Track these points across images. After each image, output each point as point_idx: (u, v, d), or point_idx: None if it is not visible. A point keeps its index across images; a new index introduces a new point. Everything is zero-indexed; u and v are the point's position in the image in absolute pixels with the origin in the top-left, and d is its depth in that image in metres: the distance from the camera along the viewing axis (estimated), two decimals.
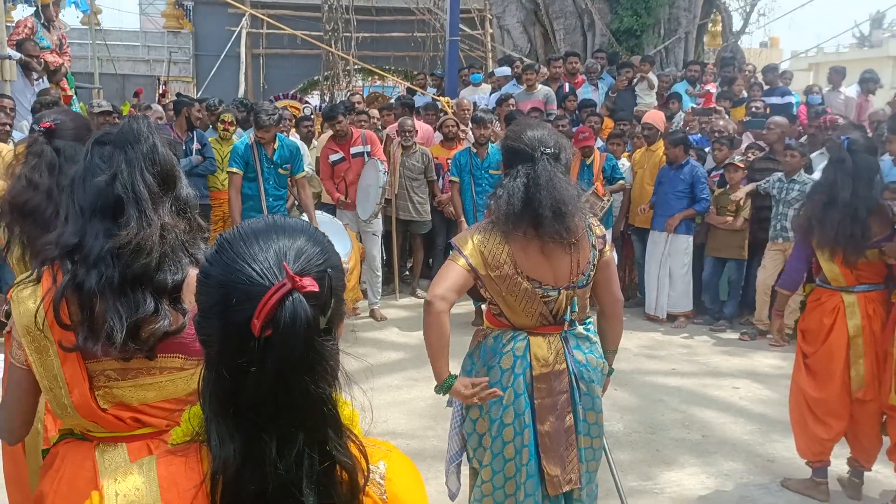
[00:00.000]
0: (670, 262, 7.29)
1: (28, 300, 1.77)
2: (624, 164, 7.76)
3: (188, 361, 1.80)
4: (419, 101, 9.85)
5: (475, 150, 7.17)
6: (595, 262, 2.69)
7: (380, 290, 7.44)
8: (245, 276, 1.03)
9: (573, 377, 2.69)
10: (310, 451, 1.04)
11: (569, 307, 2.71)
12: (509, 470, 2.68)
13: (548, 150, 2.59)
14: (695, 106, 9.28)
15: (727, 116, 8.57)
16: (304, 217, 6.66)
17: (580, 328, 2.76)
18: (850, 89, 10.15)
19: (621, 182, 7.45)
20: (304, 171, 6.54)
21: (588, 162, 7.43)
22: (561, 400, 2.67)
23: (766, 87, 10.02)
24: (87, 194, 1.75)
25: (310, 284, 1.02)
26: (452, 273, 2.60)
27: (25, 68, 7.59)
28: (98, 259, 1.70)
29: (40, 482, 1.92)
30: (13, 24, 8.46)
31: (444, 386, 2.65)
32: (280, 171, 6.32)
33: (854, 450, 3.98)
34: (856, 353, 3.77)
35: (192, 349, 1.78)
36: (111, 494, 1.10)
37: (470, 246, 2.62)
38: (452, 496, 3.01)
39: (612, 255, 2.83)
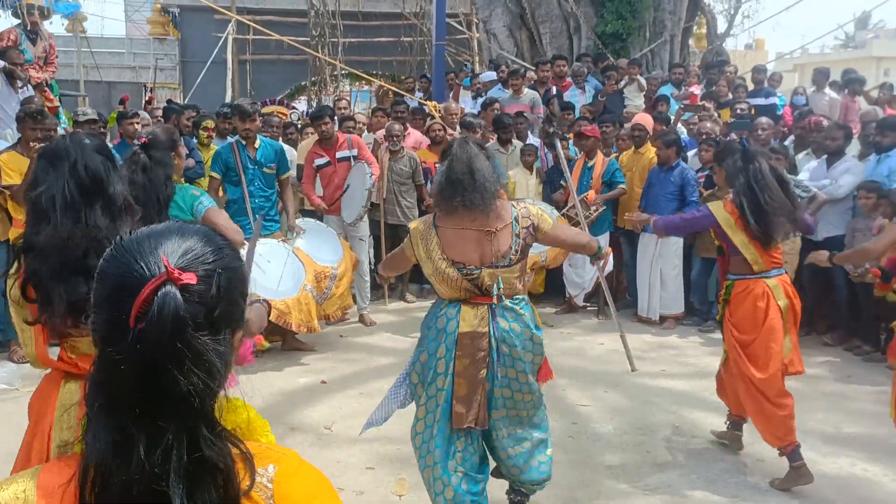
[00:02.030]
0: (661, 263, 7.31)
1: (10, 280, 2.34)
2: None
3: None
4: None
5: None
6: (518, 249, 3.25)
7: (368, 295, 7.43)
8: (131, 271, 1.06)
9: (494, 340, 3.21)
10: (178, 446, 1.03)
11: (494, 284, 3.21)
12: (430, 406, 3.28)
13: (468, 138, 3.44)
14: (686, 103, 9.30)
15: (716, 115, 8.62)
16: (299, 220, 6.68)
17: (508, 302, 3.28)
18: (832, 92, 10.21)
19: (621, 187, 7.45)
20: (290, 171, 6.54)
21: (590, 164, 7.46)
22: (478, 356, 3.21)
23: (752, 88, 10.09)
24: (35, 202, 2.24)
25: (187, 278, 1.05)
26: (399, 260, 3.61)
27: (10, 76, 7.55)
28: (40, 253, 2.18)
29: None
30: None
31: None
32: (265, 170, 6.30)
33: (734, 407, 4.44)
34: (784, 330, 4.13)
35: None
36: None
37: (416, 243, 3.33)
38: (374, 423, 3.59)
39: (554, 223, 3.44)
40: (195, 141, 7.56)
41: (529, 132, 8.61)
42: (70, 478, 1.07)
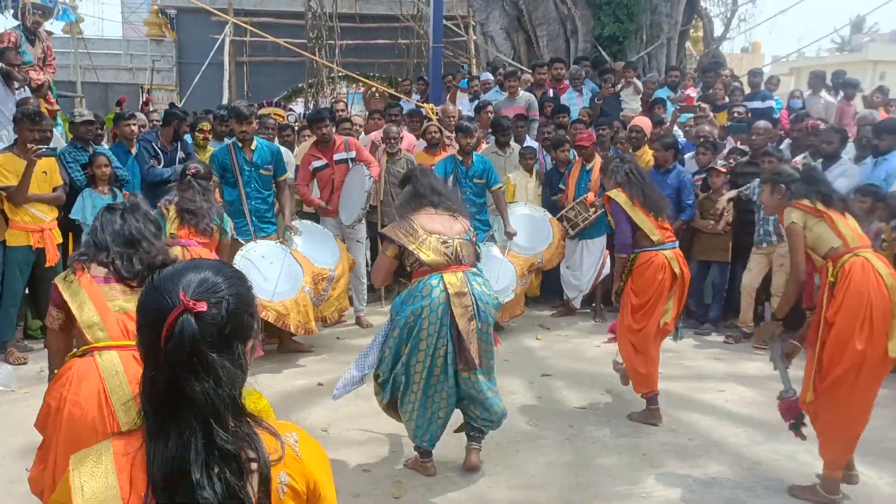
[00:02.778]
0: None
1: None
2: None
3: None
4: (404, 107, 9.84)
5: (460, 158, 7.13)
6: (472, 231, 4.22)
7: (365, 297, 7.42)
8: (159, 304, 1.41)
9: (474, 297, 3.95)
10: (196, 437, 1.36)
11: (462, 253, 4.03)
12: (428, 362, 3.93)
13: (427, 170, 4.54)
14: (683, 104, 9.31)
15: (712, 116, 8.63)
16: (295, 222, 6.67)
17: (476, 269, 4.12)
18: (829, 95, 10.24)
19: None
20: (286, 173, 6.54)
21: (588, 167, 7.48)
22: (468, 311, 3.92)
23: (748, 91, 10.11)
24: (104, 231, 2.96)
25: (199, 307, 1.38)
26: (384, 264, 4.15)
27: (6, 78, 7.54)
28: (108, 249, 2.92)
29: (45, 397, 2.82)
30: None
31: None
32: (262, 171, 6.30)
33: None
34: (670, 295, 4.88)
35: None
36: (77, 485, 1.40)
37: (394, 234, 4.03)
38: (341, 388, 4.21)
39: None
40: (190, 143, 7.56)
41: (528, 135, 8.62)
42: (137, 448, 1.41)
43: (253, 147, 6.29)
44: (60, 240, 6.38)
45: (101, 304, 2.81)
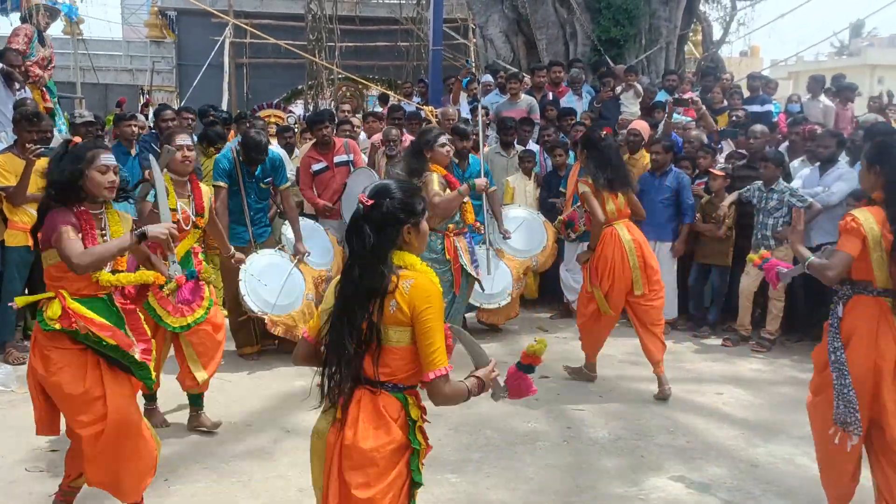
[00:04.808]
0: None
1: None
2: None
3: None
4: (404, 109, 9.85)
5: (457, 161, 7.12)
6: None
7: None
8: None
9: (471, 246, 5.81)
10: (358, 271, 2.40)
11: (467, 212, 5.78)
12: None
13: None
14: (677, 96, 9.29)
15: (704, 108, 8.64)
16: (286, 227, 6.64)
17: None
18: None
19: None
20: (287, 181, 6.52)
21: None
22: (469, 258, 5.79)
23: (748, 95, 10.12)
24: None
25: (367, 202, 2.41)
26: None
27: (7, 78, 7.54)
28: None
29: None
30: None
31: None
32: (261, 185, 6.29)
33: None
34: (634, 266, 5.46)
35: None
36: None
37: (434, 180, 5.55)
38: None
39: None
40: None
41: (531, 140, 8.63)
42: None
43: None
44: None
45: None
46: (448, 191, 5.56)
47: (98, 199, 3.38)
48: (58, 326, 3.23)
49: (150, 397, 4.77)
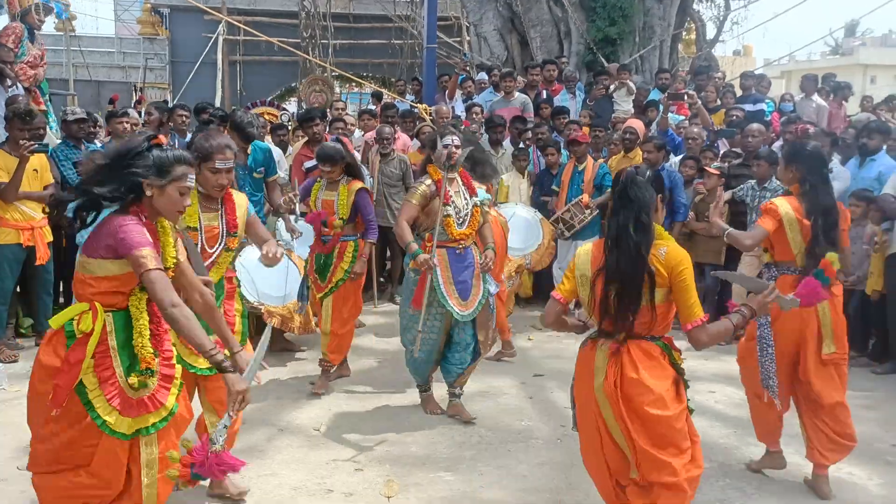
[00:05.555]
0: None
1: None
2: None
3: None
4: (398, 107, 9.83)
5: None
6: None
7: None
8: None
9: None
10: (626, 230, 2.95)
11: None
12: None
13: None
14: (671, 92, 9.30)
15: (699, 102, 8.65)
16: (280, 223, 6.61)
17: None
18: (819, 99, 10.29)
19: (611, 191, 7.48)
20: (276, 173, 6.52)
21: (580, 168, 7.49)
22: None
23: (740, 94, 10.15)
24: None
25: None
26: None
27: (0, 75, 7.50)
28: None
29: None
30: None
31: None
32: (255, 175, 6.28)
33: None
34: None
35: None
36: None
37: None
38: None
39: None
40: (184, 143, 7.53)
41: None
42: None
43: (248, 151, 6.27)
44: (51, 238, 6.35)
45: None
46: (436, 201, 4.79)
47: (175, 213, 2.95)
48: (90, 356, 2.83)
49: None
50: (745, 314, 3.04)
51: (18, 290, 6.43)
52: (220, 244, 3.78)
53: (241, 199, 3.91)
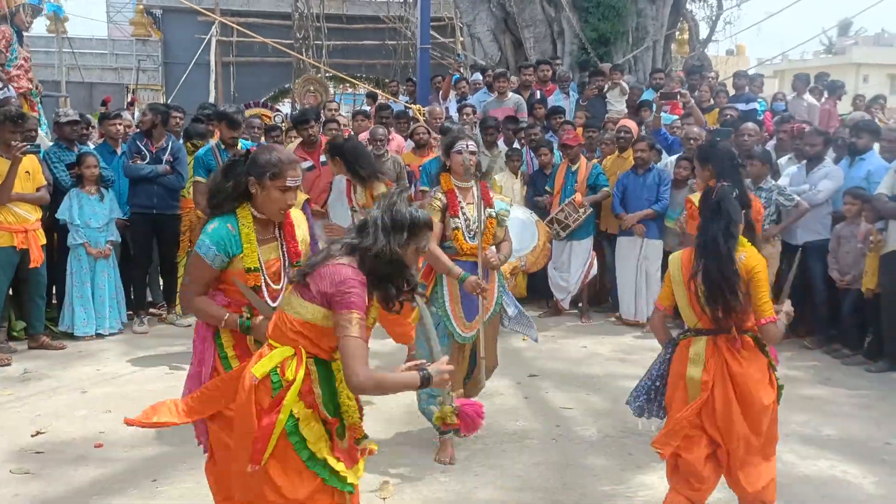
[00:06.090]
0: (646, 265, 7.34)
1: None
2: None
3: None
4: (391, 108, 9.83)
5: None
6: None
7: None
8: None
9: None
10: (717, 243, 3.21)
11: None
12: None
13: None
14: (664, 91, 9.30)
15: (692, 101, 8.65)
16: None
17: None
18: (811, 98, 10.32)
19: (605, 190, 7.50)
20: None
21: (574, 168, 7.50)
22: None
23: (733, 93, 10.16)
24: None
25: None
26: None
27: None
28: None
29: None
30: None
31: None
32: None
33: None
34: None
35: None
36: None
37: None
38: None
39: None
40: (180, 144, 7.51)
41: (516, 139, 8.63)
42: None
43: (237, 149, 6.26)
44: (45, 240, 6.33)
45: None
46: (449, 218, 4.35)
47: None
48: (296, 411, 2.60)
49: None
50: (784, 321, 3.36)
51: (11, 292, 6.40)
52: (284, 280, 3.11)
53: (299, 218, 3.26)
